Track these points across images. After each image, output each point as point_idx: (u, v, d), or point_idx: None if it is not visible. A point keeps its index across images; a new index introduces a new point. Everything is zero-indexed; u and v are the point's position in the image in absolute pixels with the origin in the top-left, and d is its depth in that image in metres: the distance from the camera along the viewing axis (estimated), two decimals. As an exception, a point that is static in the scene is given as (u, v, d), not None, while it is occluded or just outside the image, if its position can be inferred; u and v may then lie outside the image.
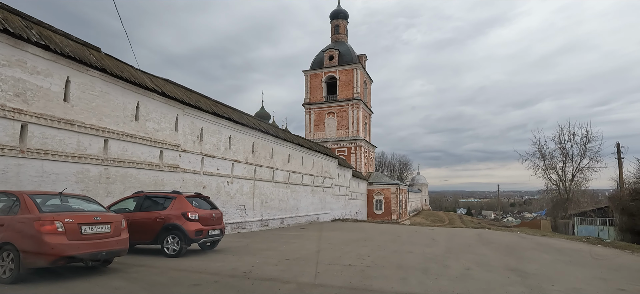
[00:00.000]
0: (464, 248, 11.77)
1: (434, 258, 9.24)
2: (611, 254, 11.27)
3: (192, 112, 15.75)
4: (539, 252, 11.19)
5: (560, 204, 34.12)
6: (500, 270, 7.57)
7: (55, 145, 10.34)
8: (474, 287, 5.95)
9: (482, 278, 6.74)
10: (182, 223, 8.56)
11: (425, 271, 7.39)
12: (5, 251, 5.36)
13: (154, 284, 6.06)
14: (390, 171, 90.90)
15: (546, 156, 34.85)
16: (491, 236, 16.91)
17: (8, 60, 9.28)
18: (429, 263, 8.40)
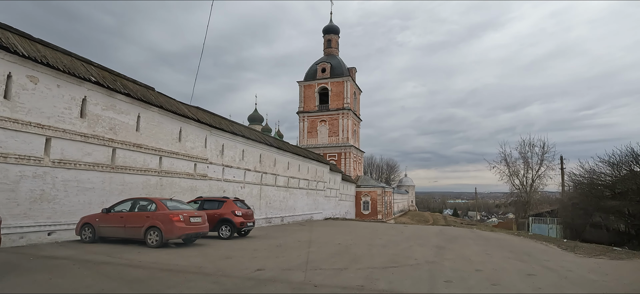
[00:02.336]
0: (419, 237, 16.37)
1: (394, 242, 13.76)
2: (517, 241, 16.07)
3: (217, 132, 20.12)
4: (471, 240, 15.88)
5: (521, 206, 39.35)
6: (430, 247, 12.12)
7: (131, 163, 14.66)
8: (409, 253, 10.38)
9: (418, 251, 11.18)
10: (231, 217, 12.98)
11: (383, 246, 11.84)
12: (153, 230, 9.78)
13: (231, 249, 10.30)
14: (379, 173, 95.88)
15: (510, 164, 40.05)
16: (448, 231, 21.65)
17: (106, 105, 13.59)
18: (389, 243, 12.86)
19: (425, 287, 6.10)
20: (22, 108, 10.83)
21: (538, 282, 6.80)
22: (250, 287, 5.73)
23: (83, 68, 12.93)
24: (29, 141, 11.05)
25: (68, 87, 12.17)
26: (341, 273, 7.11)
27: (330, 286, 5.81)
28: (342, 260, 8.86)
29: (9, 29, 11.09)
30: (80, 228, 10.82)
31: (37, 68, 11.21)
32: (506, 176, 39.77)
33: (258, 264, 7.94)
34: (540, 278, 7.20)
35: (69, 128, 12.15)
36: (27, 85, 11.01)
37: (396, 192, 78.01)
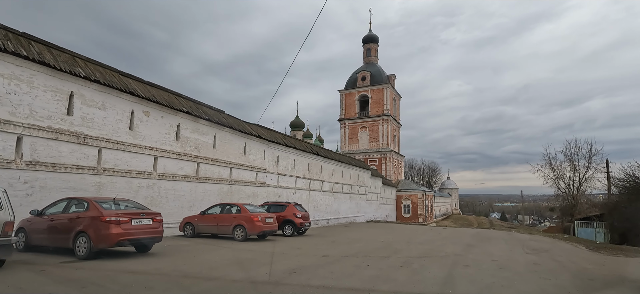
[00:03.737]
0: (454, 237, 18.23)
1: (430, 240, 15.81)
2: (548, 242, 17.40)
3: (273, 145, 23.32)
4: (502, 241, 17.49)
5: (567, 209, 38.87)
6: (462, 245, 14.07)
7: (209, 174, 18.09)
8: (441, 249, 12.45)
9: (450, 247, 13.19)
10: (293, 218, 15.91)
11: (420, 243, 13.96)
12: (239, 228, 12.90)
13: (297, 243, 13.10)
14: (420, 176, 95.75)
15: (555, 168, 39.68)
16: (485, 233, 23.10)
17: (192, 129, 17.10)
18: (425, 242, 14.96)
19: (448, 268, 8.39)
20: (139, 135, 14.48)
21: (538, 268, 8.77)
22: (323, 265, 8.36)
23: (177, 101, 16.53)
24: (144, 160, 14.69)
25: (168, 117, 15.77)
26: (385, 259, 9.56)
27: (379, 266, 8.27)
28: (385, 251, 11.31)
29: (129, 76, 14.84)
30: (183, 226, 14.21)
31: (149, 104, 14.85)
32: (551, 179, 39.50)
33: (322, 252, 10.61)
34: (542, 265, 9.14)
35: (168, 149, 15.73)
36: (142, 118, 14.66)
37: (438, 195, 77.93)
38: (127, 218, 8.22)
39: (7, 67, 10.42)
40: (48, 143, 11.44)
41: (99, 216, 7.93)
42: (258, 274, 7.12)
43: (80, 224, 8.08)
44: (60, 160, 11.79)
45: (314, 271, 7.48)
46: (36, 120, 11.11)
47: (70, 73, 11.88)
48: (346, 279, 6.85)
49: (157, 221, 8.97)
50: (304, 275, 7.04)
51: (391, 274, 7.47)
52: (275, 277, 6.79)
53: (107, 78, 13.26)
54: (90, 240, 7.86)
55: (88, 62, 13.25)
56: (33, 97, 11.05)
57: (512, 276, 7.58)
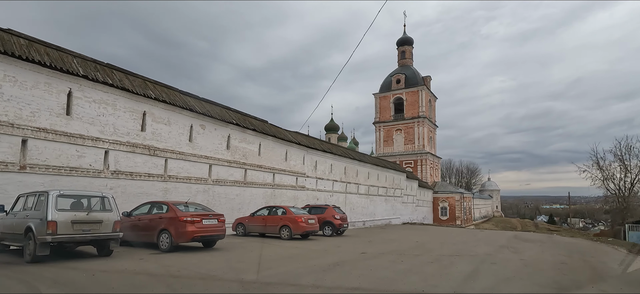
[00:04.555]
0: (489, 239, 18.64)
1: (463, 241, 16.45)
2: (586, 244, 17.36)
3: (311, 151, 24.84)
4: (539, 243, 17.65)
5: (618, 212, 36.99)
6: (495, 246, 14.63)
7: (255, 179, 19.90)
8: (473, 249, 13.16)
9: (482, 248, 13.84)
10: (332, 220, 17.28)
11: (453, 244, 14.68)
12: (285, 228, 14.46)
13: (337, 242, 14.44)
14: (458, 178, 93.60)
15: (604, 169, 37.90)
16: (522, 235, 23.11)
17: (240, 139, 18.99)
18: (458, 243, 15.62)
19: (475, 265, 9.31)
20: (197, 146, 16.51)
21: (564, 266, 9.41)
22: (362, 260, 9.59)
23: (227, 114, 18.49)
24: (200, 168, 16.69)
25: (220, 129, 17.73)
26: (418, 257, 10.61)
27: (412, 262, 9.36)
28: (418, 250, 12.31)
29: (188, 94, 16.95)
30: (236, 225, 16.02)
31: (205, 119, 16.86)
32: (599, 180, 37.78)
33: (360, 250, 11.85)
34: (568, 265, 9.75)
35: (221, 157, 17.68)
36: (199, 131, 16.69)
37: (477, 197, 75.99)
38: (199, 219, 9.97)
39: (97, 94, 12.69)
40: (127, 155, 13.63)
41: (178, 217, 9.74)
42: (308, 265, 8.51)
43: (163, 223, 9.94)
44: (136, 169, 13.96)
45: (354, 264, 8.75)
46: (118, 136, 13.32)
47: (143, 96, 14.06)
48: (382, 271, 8.05)
49: (221, 221, 10.69)
50: (346, 267, 8.33)
51: (422, 268, 8.56)
52: (323, 267, 8.13)
53: (171, 98, 15.38)
54: (171, 236, 9.68)
55: (156, 84, 15.45)
56: (116, 117, 13.28)
57: (533, 272, 8.38)
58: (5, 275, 6.43)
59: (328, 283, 6.58)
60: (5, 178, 10.42)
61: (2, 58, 10.26)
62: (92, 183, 12.37)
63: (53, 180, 11.40)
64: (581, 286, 7.09)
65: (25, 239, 7.74)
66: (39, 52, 11.32)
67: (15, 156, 10.65)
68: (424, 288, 6.47)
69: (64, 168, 11.76)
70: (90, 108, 12.47)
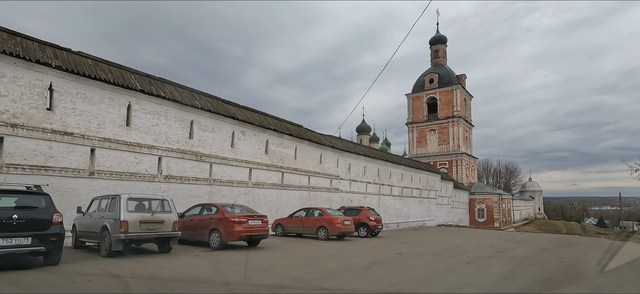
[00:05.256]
0: (529, 242, 18.17)
1: (502, 244, 16.26)
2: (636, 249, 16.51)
3: (345, 154, 25.36)
4: (583, 245, 17.05)
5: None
6: (535, 249, 14.35)
7: (291, 182, 20.73)
8: (511, 251, 13.04)
9: (521, 250, 13.66)
10: (367, 221, 17.74)
11: (490, 246, 14.60)
12: (321, 229, 15.14)
13: (373, 243, 14.92)
14: (496, 178, 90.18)
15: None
16: (566, 239, 22.21)
17: (278, 144, 19.89)
18: (496, 245, 15.47)
19: (513, 266, 9.43)
20: (238, 151, 17.56)
21: (606, 268, 9.32)
22: (398, 259, 9.99)
23: (265, 120, 19.46)
24: (241, 172, 17.74)
25: (259, 135, 18.72)
26: (454, 257, 10.84)
27: (448, 263, 9.64)
28: (454, 251, 12.49)
29: (230, 103, 18.08)
30: (275, 226, 16.88)
31: (245, 125, 17.90)
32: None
33: (396, 250, 12.22)
34: (611, 266, 9.61)
35: (260, 161, 18.66)
36: (240, 137, 17.74)
37: (517, 198, 72.92)
38: (245, 219, 10.83)
39: (152, 106, 14.00)
40: (177, 161, 14.87)
41: (226, 217, 10.66)
42: (347, 264, 9.05)
43: (213, 223, 10.90)
44: (185, 174, 15.18)
45: (391, 264, 9.19)
46: (170, 144, 14.58)
47: (191, 106, 15.26)
48: (419, 270, 8.43)
49: (264, 222, 11.51)
50: (384, 266, 8.79)
51: (458, 268, 8.85)
52: (362, 266, 8.65)
53: (215, 107, 16.52)
54: (221, 235, 10.61)
55: (201, 94, 16.66)
56: (168, 127, 14.55)
57: (573, 274, 8.43)
58: (91, 266, 7.52)
59: (368, 280, 7.10)
60: (78, 183, 11.85)
61: (75, 78, 11.71)
62: (148, 186, 13.66)
63: (116, 184, 12.77)
64: (624, 289, 7.11)
65: (101, 236, 8.91)
66: (104, 71, 12.74)
67: (86, 164, 12.08)
68: (461, 286, 6.81)
69: (124, 174, 13.11)
70: (146, 119, 13.79)
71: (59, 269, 7.15)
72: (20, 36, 11.19)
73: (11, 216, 6.62)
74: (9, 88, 10.40)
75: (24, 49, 10.79)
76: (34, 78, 10.88)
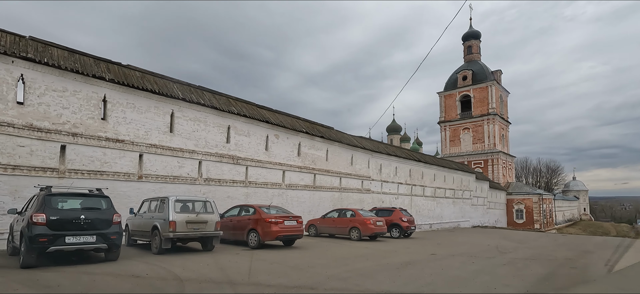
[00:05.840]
0: (571, 244, 17.39)
1: (542, 245, 15.67)
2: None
3: (376, 155, 25.42)
4: (632, 249, 16.13)
5: None
6: (578, 251, 13.72)
7: (323, 183, 21.11)
8: (552, 253, 12.57)
9: (563, 252, 13.15)
10: (399, 222, 17.80)
11: (529, 248, 14.07)
12: (354, 229, 15.41)
13: (406, 243, 14.99)
14: (536, 178, 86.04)
15: None
16: (613, 241, 20.97)
17: (310, 146, 20.35)
18: (536, 246, 14.84)
19: (553, 268, 9.23)
20: (272, 154, 18.18)
21: None
22: (432, 260, 10.06)
23: (297, 123, 19.99)
24: (275, 174, 18.34)
25: (291, 138, 19.26)
26: (490, 259, 10.73)
27: (483, 264, 9.59)
28: (490, 253, 12.31)
29: (264, 108, 18.76)
30: (308, 227, 17.32)
31: (278, 129, 18.50)
32: None
33: (430, 251, 12.24)
34: None
35: (292, 163, 19.19)
36: (274, 140, 18.36)
37: (560, 199, 69.15)
38: (281, 220, 11.33)
39: (192, 113, 14.88)
40: (216, 164, 15.68)
41: (264, 218, 11.19)
42: (380, 263, 9.26)
43: (251, 224, 11.48)
44: (223, 176, 15.96)
45: (425, 264, 9.29)
46: (209, 149, 15.41)
47: (228, 112, 16.03)
48: (453, 270, 8.49)
49: (299, 222, 11.96)
50: (418, 266, 8.92)
51: (494, 269, 8.80)
52: (395, 266, 8.83)
53: (250, 112, 17.23)
54: (258, 235, 11.17)
55: (237, 100, 17.44)
56: (207, 132, 15.39)
57: (621, 277, 8.15)
58: (145, 262, 8.26)
59: (403, 279, 7.29)
60: (128, 186, 12.87)
61: (125, 90, 12.74)
62: (189, 189, 14.54)
63: (161, 187, 13.71)
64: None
65: (152, 235, 9.70)
66: (150, 81, 13.73)
67: (135, 168, 13.08)
68: (496, 287, 6.85)
69: (168, 177, 14.04)
70: (187, 125, 14.68)
71: (118, 264, 7.93)
72: (78, 53, 12.35)
73: (79, 217, 7.45)
74: (70, 101, 11.53)
75: (82, 64, 11.91)
76: (90, 91, 11.98)
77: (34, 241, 6.93)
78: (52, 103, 11.20)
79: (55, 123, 11.24)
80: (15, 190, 10.48)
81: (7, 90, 10.42)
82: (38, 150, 10.92)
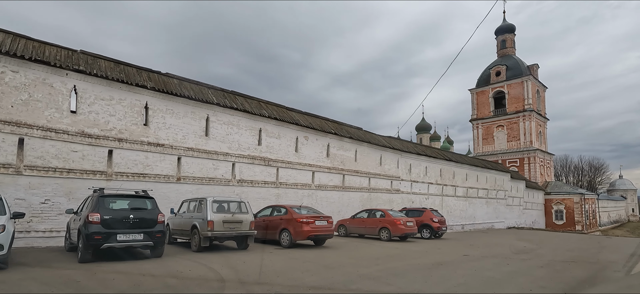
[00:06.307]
0: (618, 247, 16.47)
1: (582, 248, 14.93)
2: None
3: (405, 155, 25.21)
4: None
5: None
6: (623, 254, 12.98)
7: (352, 183, 21.23)
8: (594, 256, 11.97)
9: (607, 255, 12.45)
10: (430, 223, 17.64)
11: (568, 250, 13.43)
12: (384, 230, 15.45)
13: (437, 244, 14.88)
14: (578, 176, 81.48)
15: None
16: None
17: (338, 147, 20.55)
18: (576, 249, 14.19)
19: (594, 271, 8.89)
20: (302, 155, 18.55)
21: None
22: (464, 261, 9.97)
23: (326, 125, 20.26)
24: (305, 175, 18.69)
25: (321, 139, 19.55)
26: (526, 261, 10.46)
27: (519, 266, 9.38)
28: (527, 254, 11.96)
29: (293, 110, 19.18)
30: (338, 227, 17.53)
31: (307, 131, 18.85)
32: None
33: (462, 252, 12.08)
34: None
35: (321, 164, 19.47)
36: (304, 142, 18.72)
37: (604, 198, 65.08)
38: (312, 220, 11.62)
39: (226, 117, 15.51)
40: (248, 166, 16.24)
41: (296, 218, 11.54)
42: (412, 263, 9.32)
43: (283, 224, 11.87)
44: (255, 177, 16.50)
45: (457, 265, 9.24)
46: (241, 151, 16.00)
47: (259, 115, 16.56)
48: (487, 271, 8.39)
49: (330, 222, 12.21)
50: (450, 267, 8.90)
51: (530, 271, 8.61)
52: (427, 266, 8.86)
53: (281, 115, 17.69)
54: (290, 234, 11.52)
55: (268, 103, 17.96)
56: (240, 135, 15.98)
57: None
58: (187, 259, 8.81)
59: (435, 279, 7.34)
60: (168, 188, 13.64)
61: (165, 96, 13.53)
62: (223, 190, 15.17)
63: (198, 188, 14.41)
64: None
65: (191, 234, 10.29)
66: (187, 88, 14.48)
67: (174, 171, 13.85)
68: (532, 288, 6.75)
69: (204, 179, 14.73)
70: (221, 129, 15.33)
71: (163, 260, 8.51)
72: (123, 64, 13.26)
73: (128, 216, 8.09)
74: (116, 109, 12.42)
75: (126, 74, 12.79)
76: (134, 99, 12.84)
77: (90, 239, 7.61)
78: (101, 111, 12.12)
79: (104, 129, 12.15)
80: (69, 191, 11.44)
81: (62, 100, 11.41)
82: (89, 154, 11.86)
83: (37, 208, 10.92)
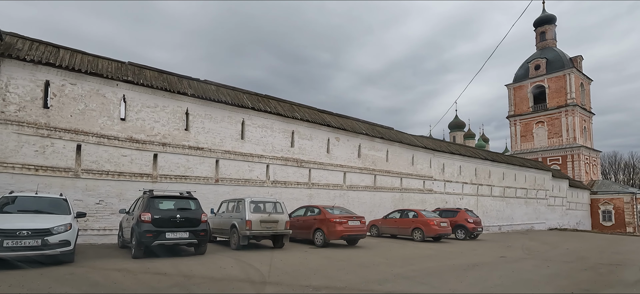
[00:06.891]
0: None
1: (632, 251, 14.06)
2: None
3: (438, 154, 24.80)
4: None
5: None
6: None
7: (383, 184, 21.20)
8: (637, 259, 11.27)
9: None
10: (465, 223, 17.35)
11: (615, 253, 12.67)
12: (417, 230, 15.43)
13: (472, 246, 14.63)
14: (629, 174, 75.75)
15: None
16: None
17: (369, 147, 20.62)
18: (623, 251, 13.31)
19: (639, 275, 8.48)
20: (333, 156, 18.81)
21: None
22: (501, 263, 9.80)
23: (357, 126, 20.40)
24: (336, 175, 18.93)
25: (352, 140, 19.72)
26: (568, 263, 10.10)
27: (560, 268, 9.10)
28: (570, 257, 11.52)
29: (325, 112, 19.49)
30: (370, 227, 17.64)
31: (339, 132, 19.09)
32: None
33: (498, 254, 11.83)
34: None
35: (353, 165, 19.64)
36: (335, 143, 18.98)
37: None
38: (345, 220, 11.85)
39: (260, 120, 16.09)
40: (281, 167, 16.73)
41: (329, 218, 11.82)
42: (446, 264, 9.30)
43: (316, 223, 12.19)
44: (288, 178, 16.96)
45: (493, 266, 9.12)
46: (275, 153, 16.51)
47: (292, 118, 17.01)
48: (525, 273, 8.24)
49: (362, 223, 12.39)
50: (485, 268, 8.80)
51: (572, 274, 8.34)
52: (462, 267, 8.82)
53: (313, 117, 18.06)
54: (324, 234, 11.82)
55: (299, 106, 18.39)
56: (273, 138, 16.51)
57: None
58: (227, 256, 9.34)
59: (470, 280, 7.34)
60: (207, 189, 14.38)
61: (204, 102, 14.28)
62: (258, 191, 15.74)
63: (234, 189, 15.06)
64: None
65: (230, 233, 10.85)
66: (223, 94, 15.18)
67: (212, 173, 14.57)
68: (573, 290, 6.58)
69: (240, 180, 15.37)
70: (255, 132, 15.92)
71: (207, 257, 9.08)
72: (165, 73, 14.15)
73: (175, 216, 8.73)
74: (160, 116, 13.30)
75: (169, 83, 13.65)
76: (176, 106, 13.67)
77: (142, 236, 8.30)
78: (147, 118, 13.03)
79: (149, 135, 13.05)
80: (120, 192, 12.41)
81: (113, 108, 12.40)
82: (136, 158, 12.79)
83: (93, 208, 11.94)
